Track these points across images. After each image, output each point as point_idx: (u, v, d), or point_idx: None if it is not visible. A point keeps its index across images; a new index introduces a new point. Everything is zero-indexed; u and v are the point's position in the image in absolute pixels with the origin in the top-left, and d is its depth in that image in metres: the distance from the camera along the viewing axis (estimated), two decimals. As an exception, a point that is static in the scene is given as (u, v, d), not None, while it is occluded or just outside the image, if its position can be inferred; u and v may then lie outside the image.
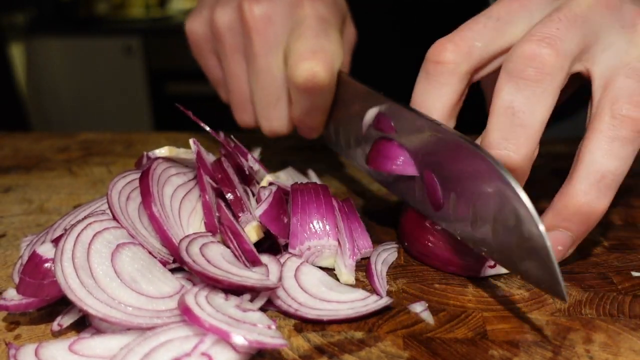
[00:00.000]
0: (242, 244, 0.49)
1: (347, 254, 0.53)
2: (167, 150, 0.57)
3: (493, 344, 0.43)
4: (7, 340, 0.44)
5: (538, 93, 0.46)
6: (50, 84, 3.52)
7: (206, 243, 0.49)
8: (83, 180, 0.80)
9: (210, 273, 0.44)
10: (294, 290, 0.49)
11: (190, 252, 0.46)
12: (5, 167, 0.86)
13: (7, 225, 0.65)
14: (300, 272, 0.51)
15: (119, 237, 0.48)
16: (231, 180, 0.55)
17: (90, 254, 0.45)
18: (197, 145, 0.56)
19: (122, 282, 0.44)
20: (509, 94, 0.46)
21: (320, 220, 0.53)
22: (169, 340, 0.40)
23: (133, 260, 0.46)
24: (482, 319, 0.46)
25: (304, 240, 0.53)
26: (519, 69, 0.46)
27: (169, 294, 0.45)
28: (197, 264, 0.44)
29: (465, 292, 0.50)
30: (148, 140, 0.97)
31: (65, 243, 0.45)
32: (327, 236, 0.53)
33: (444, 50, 0.50)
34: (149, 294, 0.44)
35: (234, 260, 0.49)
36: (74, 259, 0.44)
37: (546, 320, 0.46)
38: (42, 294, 0.45)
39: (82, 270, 0.43)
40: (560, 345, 0.43)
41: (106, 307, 0.41)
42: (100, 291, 0.42)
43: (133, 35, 3.33)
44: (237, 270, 0.46)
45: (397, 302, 0.49)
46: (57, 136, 1.01)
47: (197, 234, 0.50)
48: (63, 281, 0.42)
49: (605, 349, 0.42)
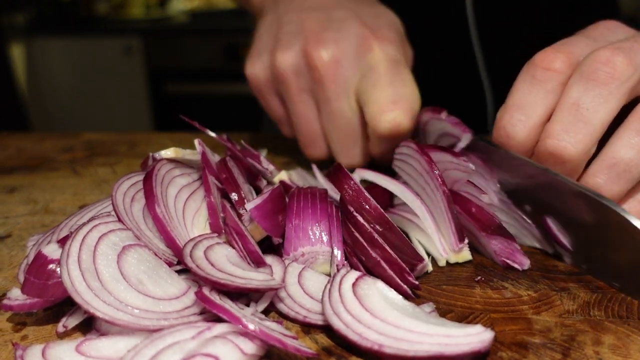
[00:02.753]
0: (246, 244, 0.49)
1: (335, 261, 0.52)
2: (173, 152, 0.57)
3: (502, 346, 0.43)
4: (14, 341, 0.44)
5: (604, 95, 0.49)
6: (51, 83, 3.52)
7: (211, 245, 0.49)
8: (87, 180, 0.79)
9: (214, 277, 0.43)
10: (300, 296, 0.48)
11: (194, 256, 0.46)
12: (9, 167, 0.86)
13: (12, 225, 0.65)
14: (303, 278, 0.50)
15: (125, 239, 0.48)
16: (235, 180, 0.54)
17: (96, 256, 0.45)
18: (202, 146, 0.56)
19: (128, 284, 0.44)
20: (577, 91, 0.50)
21: (314, 226, 0.53)
22: (176, 342, 0.40)
23: (139, 262, 0.46)
24: (490, 321, 0.46)
25: (297, 246, 0.52)
26: (591, 71, 0.49)
27: (176, 295, 0.45)
28: (200, 269, 0.44)
29: (473, 294, 0.50)
30: (152, 140, 0.97)
31: (71, 246, 0.45)
32: (321, 242, 0.52)
33: (556, 59, 0.53)
34: (155, 296, 0.44)
35: (239, 261, 0.49)
36: (80, 261, 0.44)
37: (555, 322, 0.46)
38: (47, 295, 0.45)
39: (88, 273, 0.43)
40: (569, 347, 0.42)
41: (113, 309, 0.41)
42: (106, 294, 0.42)
43: (133, 35, 3.33)
44: (241, 273, 0.46)
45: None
46: (61, 136, 1.01)
47: (202, 237, 0.50)
48: (69, 284, 0.42)
49: (615, 351, 0.42)
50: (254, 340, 0.41)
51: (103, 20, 3.71)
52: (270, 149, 0.85)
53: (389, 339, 0.40)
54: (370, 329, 0.41)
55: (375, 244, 0.49)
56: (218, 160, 0.58)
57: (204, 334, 0.41)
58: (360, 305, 0.44)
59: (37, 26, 3.49)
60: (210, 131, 0.64)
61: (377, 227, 0.49)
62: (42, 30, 3.44)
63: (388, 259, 0.49)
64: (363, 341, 0.40)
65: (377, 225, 0.49)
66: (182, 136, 0.97)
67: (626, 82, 0.49)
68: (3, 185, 0.78)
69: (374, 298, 0.45)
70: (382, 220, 0.49)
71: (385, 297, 0.45)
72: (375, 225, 0.49)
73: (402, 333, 0.41)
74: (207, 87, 3.31)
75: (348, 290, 0.45)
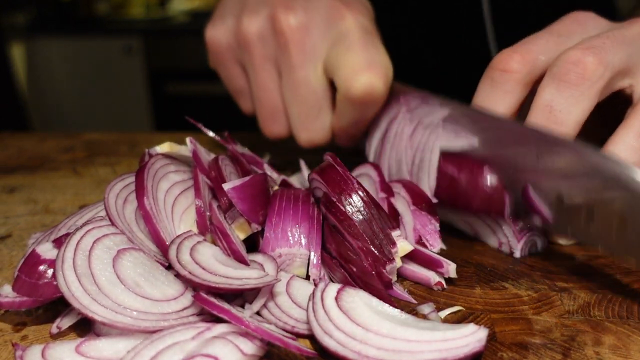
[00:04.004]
0: (230, 244, 0.49)
1: (311, 265, 0.51)
2: (168, 147, 0.56)
3: (502, 346, 0.43)
4: (13, 341, 0.44)
5: (576, 95, 0.49)
6: (51, 83, 3.52)
7: (194, 245, 0.48)
8: (88, 180, 0.79)
9: (210, 283, 0.43)
10: (288, 306, 0.47)
11: (182, 261, 0.45)
12: (10, 167, 0.86)
13: (12, 225, 0.65)
14: (291, 287, 0.49)
15: (119, 243, 0.48)
16: (224, 178, 0.54)
17: (92, 260, 0.45)
18: (193, 144, 0.56)
19: (125, 287, 0.44)
20: (550, 93, 0.50)
21: (294, 227, 0.52)
22: (176, 343, 0.40)
23: (135, 265, 0.46)
24: (491, 321, 0.46)
25: (275, 247, 0.51)
26: (562, 72, 0.50)
27: (174, 296, 0.45)
28: (194, 275, 0.43)
29: (473, 294, 0.50)
30: (152, 140, 0.97)
31: (65, 251, 0.44)
32: (299, 245, 0.51)
33: (511, 60, 0.53)
34: (153, 297, 0.44)
35: (225, 258, 0.48)
36: (75, 266, 0.44)
37: (555, 322, 0.46)
38: (37, 294, 0.45)
39: (84, 277, 0.43)
40: (569, 347, 0.42)
41: (111, 312, 0.41)
42: (104, 297, 0.42)
43: (133, 35, 3.32)
44: (235, 273, 0.46)
45: (404, 304, 0.49)
46: (62, 136, 1.01)
47: (182, 237, 0.48)
48: (66, 289, 0.42)
49: (615, 351, 0.42)
50: (254, 340, 0.40)
51: (103, 20, 3.70)
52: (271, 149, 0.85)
53: (388, 352, 0.39)
54: (367, 344, 0.40)
55: (356, 235, 0.49)
56: (211, 159, 0.57)
57: (203, 335, 0.41)
58: (350, 320, 0.42)
59: (37, 26, 3.48)
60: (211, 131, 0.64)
61: (359, 214, 0.50)
62: (42, 30, 3.44)
63: (367, 250, 0.48)
64: (363, 359, 0.39)
65: (359, 212, 0.50)
66: (182, 136, 0.97)
67: (598, 82, 0.49)
68: (3, 185, 0.78)
69: (360, 310, 0.43)
70: (365, 207, 0.50)
71: (370, 306, 0.44)
72: (357, 212, 0.50)
73: (400, 344, 0.40)
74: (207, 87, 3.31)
75: (332, 305, 0.43)
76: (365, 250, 0.48)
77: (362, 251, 0.48)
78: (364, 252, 0.48)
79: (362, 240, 0.48)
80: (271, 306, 0.46)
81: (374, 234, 0.49)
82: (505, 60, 0.54)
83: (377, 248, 0.49)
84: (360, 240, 0.49)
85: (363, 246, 0.48)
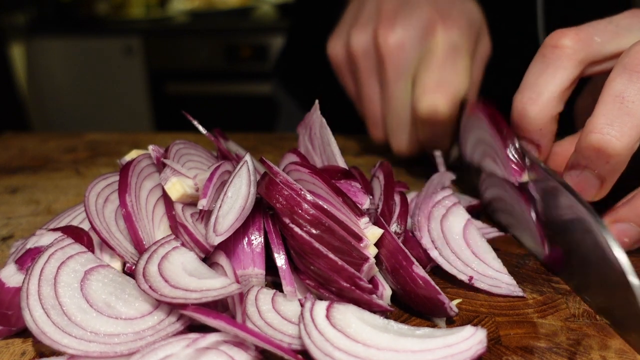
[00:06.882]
0: (190, 235, 0.47)
1: (284, 281, 0.47)
2: (135, 154, 0.56)
3: (507, 350, 0.43)
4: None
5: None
6: (51, 83, 3.51)
7: (168, 252, 0.46)
8: (90, 181, 0.79)
9: (167, 299, 0.40)
10: (279, 323, 0.44)
11: (147, 273, 0.43)
12: (12, 167, 0.85)
13: (14, 226, 0.65)
14: (277, 304, 0.46)
15: (85, 262, 0.45)
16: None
17: (58, 290, 0.42)
18: (156, 151, 0.55)
19: (97, 311, 0.42)
20: (621, 84, 0.49)
21: (245, 246, 0.48)
22: (168, 356, 0.39)
23: (104, 285, 0.44)
24: (496, 324, 0.46)
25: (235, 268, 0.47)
26: (634, 63, 0.49)
27: (149, 311, 0.42)
28: (154, 290, 0.41)
29: (477, 297, 0.50)
30: (154, 140, 0.97)
31: (29, 284, 0.41)
32: (252, 265, 0.47)
33: (564, 36, 0.53)
34: (127, 317, 0.42)
35: (197, 265, 0.46)
36: (41, 299, 0.41)
37: (560, 326, 0.45)
38: (10, 324, 0.43)
39: (52, 310, 0.40)
40: (575, 351, 0.42)
41: (84, 342, 0.39)
42: (75, 327, 0.40)
43: (133, 35, 3.32)
44: (197, 284, 0.42)
45: (407, 306, 0.49)
46: (64, 137, 1.01)
47: (159, 243, 0.47)
48: (34, 327, 0.39)
49: (622, 355, 0.42)
50: (248, 350, 0.39)
51: (103, 20, 3.70)
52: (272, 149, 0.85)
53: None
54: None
55: (319, 255, 0.45)
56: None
57: (196, 343, 0.39)
58: (347, 337, 0.40)
59: (37, 26, 3.48)
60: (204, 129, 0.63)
61: (313, 230, 0.45)
62: (42, 30, 3.44)
63: (335, 267, 0.44)
64: None
65: (313, 229, 0.45)
66: (183, 136, 0.97)
67: None
68: (6, 186, 0.78)
69: (355, 325, 0.42)
70: (318, 222, 0.45)
71: (363, 320, 0.43)
72: (311, 229, 0.45)
73: (404, 356, 0.39)
74: (207, 87, 3.31)
75: (326, 324, 0.41)
76: (336, 269, 0.44)
77: (333, 271, 0.44)
78: (335, 271, 0.44)
79: (327, 259, 0.44)
80: (261, 325, 0.43)
81: (340, 244, 0.45)
82: (557, 37, 0.53)
83: (347, 259, 0.45)
84: (325, 260, 0.44)
85: (331, 266, 0.44)
